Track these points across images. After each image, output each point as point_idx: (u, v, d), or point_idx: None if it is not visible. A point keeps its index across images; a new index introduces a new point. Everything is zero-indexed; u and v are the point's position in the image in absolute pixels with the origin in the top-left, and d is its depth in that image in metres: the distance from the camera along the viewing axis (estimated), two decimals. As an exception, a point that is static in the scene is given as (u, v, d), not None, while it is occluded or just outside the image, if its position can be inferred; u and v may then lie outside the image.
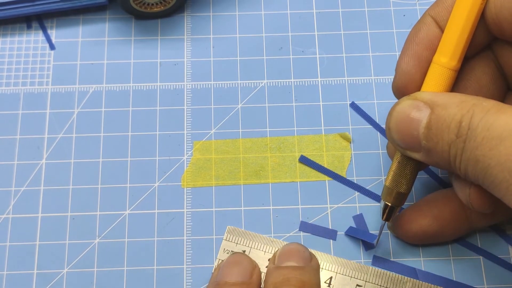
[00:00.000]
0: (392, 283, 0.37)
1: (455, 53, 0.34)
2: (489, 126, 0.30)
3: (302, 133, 0.42)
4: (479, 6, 0.34)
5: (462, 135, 0.31)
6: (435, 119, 0.32)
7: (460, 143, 0.31)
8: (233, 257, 0.37)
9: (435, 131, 0.32)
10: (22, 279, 0.39)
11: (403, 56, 0.36)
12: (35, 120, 0.42)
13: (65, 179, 0.41)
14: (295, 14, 0.46)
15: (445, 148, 0.32)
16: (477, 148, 0.30)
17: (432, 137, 0.32)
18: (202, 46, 0.45)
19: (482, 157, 0.30)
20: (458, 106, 0.31)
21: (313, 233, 0.40)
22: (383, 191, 0.37)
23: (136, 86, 0.44)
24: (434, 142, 0.32)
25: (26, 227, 0.40)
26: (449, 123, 0.31)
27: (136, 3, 0.44)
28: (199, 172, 0.41)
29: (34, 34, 0.45)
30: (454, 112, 0.31)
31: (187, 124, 0.43)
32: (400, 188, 0.36)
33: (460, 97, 0.32)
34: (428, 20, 0.36)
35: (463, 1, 0.34)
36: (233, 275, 0.35)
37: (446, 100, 0.32)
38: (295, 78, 0.44)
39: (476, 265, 0.39)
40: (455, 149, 0.31)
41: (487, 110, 0.30)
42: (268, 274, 0.35)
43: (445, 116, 0.31)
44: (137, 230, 0.40)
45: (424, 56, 0.35)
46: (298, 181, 0.41)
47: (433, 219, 0.38)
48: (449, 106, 0.32)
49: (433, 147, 0.32)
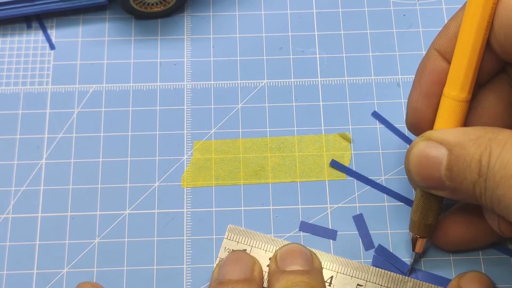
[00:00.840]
0: (393, 283, 0.37)
1: (465, 85, 0.34)
2: (505, 164, 0.29)
3: (302, 133, 0.42)
4: (483, 35, 0.33)
5: (483, 174, 0.30)
6: (455, 160, 0.31)
7: (482, 182, 0.31)
8: (233, 254, 0.37)
9: (457, 172, 0.31)
10: (22, 279, 0.38)
11: (412, 93, 0.36)
12: (35, 120, 0.42)
13: (65, 179, 0.41)
14: (295, 14, 0.46)
15: (470, 187, 0.31)
16: (497, 187, 0.30)
17: (455, 177, 0.32)
18: (202, 46, 0.45)
19: (503, 196, 0.30)
20: (475, 143, 0.31)
21: (313, 233, 0.40)
22: (410, 223, 0.37)
23: (136, 86, 0.44)
24: (458, 183, 0.32)
25: (26, 227, 0.40)
26: (469, 163, 0.31)
27: (136, 3, 0.44)
28: (199, 172, 0.41)
29: (34, 34, 0.45)
30: (473, 151, 0.31)
31: (187, 124, 0.43)
32: (427, 220, 0.36)
33: (475, 132, 0.32)
34: (434, 54, 0.35)
35: (467, 31, 0.33)
36: (235, 273, 0.35)
37: (461, 138, 0.32)
38: (295, 78, 0.44)
39: (477, 265, 0.39)
40: (479, 188, 0.31)
41: (503, 144, 0.30)
42: (274, 279, 0.35)
43: (464, 156, 0.31)
44: (137, 230, 0.40)
45: (433, 91, 0.35)
46: (298, 181, 0.41)
47: (469, 227, 0.37)
48: (466, 144, 0.31)
49: (458, 187, 0.32)
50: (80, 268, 0.39)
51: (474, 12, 0.33)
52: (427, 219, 0.36)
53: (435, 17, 0.46)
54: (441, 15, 0.46)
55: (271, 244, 0.38)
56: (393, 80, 0.44)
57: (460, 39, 0.34)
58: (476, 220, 0.37)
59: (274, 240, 0.39)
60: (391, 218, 0.40)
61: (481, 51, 0.34)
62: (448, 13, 0.46)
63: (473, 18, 0.33)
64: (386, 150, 0.42)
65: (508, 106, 0.36)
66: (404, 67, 0.44)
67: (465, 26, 0.33)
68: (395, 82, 0.44)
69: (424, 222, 0.36)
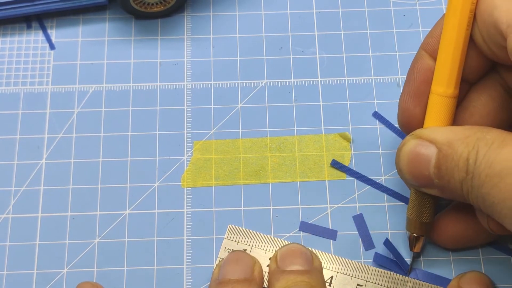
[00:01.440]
0: (393, 283, 0.37)
1: (451, 80, 0.34)
2: (490, 163, 0.30)
3: (302, 133, 0.42)
4: (466, 30, 0.33)
5: (470, 173, 0.31)
6: (443, 158, 0.32)
7: (469, 181, 0.31)
8: (233, 254, 0.37)
9: (445, 170, 0.32)
10: (22, 279, 0.38)
11: (402, 93, 0.36)
12: (35, 120, 0.42)
13: (65, 179, 0.41)
14: (295, 14, 0.46)
15: (457, 185, 0.32)
16: (482, 186, 0.30)
17: (443, 175, 0.32)
18: (202, 46, 0.45)
19: (487, 195, 0.30)
20: (464, 142, 0.31)
21: (313, 233, 0.40)
22: (406, 222, 0.37)
23: (136, 86, 0.44)
24: (446, 181, 0.32)
25: (26, 227, 0.40)
26: (457, 162, 0.31)
27: (136, 3, 0.44)
28: (199, 172, 0.41)
29: (34, 34, 0.45)
30: (461, 150, 0.31)
31: (187, 124, 0.43)
32: (422, 218, 0.36)
33: (463, 131, 0.32)
34: (422, 54, 0.36)
35: (450, 28, 0.34)
36: (235, 272, 0.35)
37: (450, 137, 0.32)
38: (295, 78, 0.44)
39: (477, 265, 0.39)
40: (466, 186, 0.31)
41: (490, 144, 0.30)
42: (274, 279, 0.35)
43: (452, 155, 0.31)
44: (137, 230, 0.40)
45: (421, 90, 0.35)
46: (298, 181, 0.41)
47: (468, 224, 0.38)
48: (455, 143, 0.31)
49: (446, 185, 0.32)
50: (80, 268, 0.39)
51: (455, 8, 0.33)
52: (422, 217, 0.36)
53: (435, 17, 0.45)
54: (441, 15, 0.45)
55: (271, 244, 0.38)
56: (393, 80, 0.44)
57: (444, 36, 0.34)
58: (473, 218, 0.37)
59: (274, 240, 0.39)
60: (391, 218, 0.40)
61: (465, 46, 0.34)
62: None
63: (454, 14, 0.33)
64: (386, 150, 0.42)
65: (499, 105, 0.36)
66: (404, 67, 0.44)
67: (447, 23, 0.34)
68: (395, 82, 0.44)
69: (419, 220, 0.36)
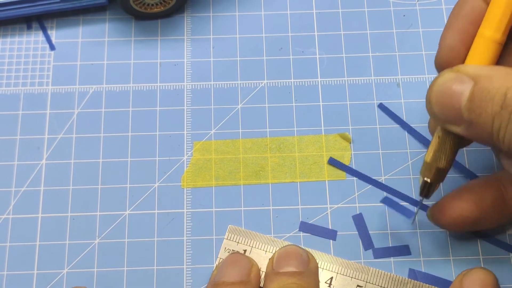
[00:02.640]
0: (393, 284, 0.37)
1: (500, 26, 0.34)
2: None
3: (302, 133, 0.42)
4: None
5: (508, 107, 0.30)
6: (479, 91, 0.31)
7: (505, 114, 0.30)
8: (231, 256, 0.37)
9: (478, 103, 0.31)
10: (22, 279, 0.39)
11: (448, 30, 0.35)
12: (35, 121, 0.43)
13: (65, 180, 0.41)
14: (295, 14, 0.46)
15: (488, 120, 0.31)
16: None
17: (475, 108, 0.31)
18: (202, 46, 0.45)
19: None
20: (503, 78, 0.31)
21: (313, 233, 0.40)
22: (422, 167, 0.36)
23: (136, 86, 0.44)
24: (476, 114, 0.31)
25: (26, 227, 0.40)
26: (493, 95, 0.31)
27: (136, 3, 0.44)
28: (199, 172, 0.41)
29: (34, 34, 0.45)
30: (500, 84, 0.31)
31: (187, 124, 0.43)
32: (439, 163, 0.35)
33: (505, 69, 0.31)
34: None
35: None
36: (231, 275, 0.35)
37: (490, 73, 0.31)
38: (295, 78, 0.44)
39: (477, 265, 0.39)
40: (499, 121, 0.30)
41: None
42: (268, 280, 0.35)
43: (489, 88, 0.31)
44: (137, 230, 0.40)
45: (469, 30, 0.35)
46: (298, 181, 0.41)
47: (474, 205, 0.37)
48: (494, 78, 0.31)
49: (476, 119, 0.31)
50: (80, 268, 0.39)
51: None
52: (439, 162, 0.35)
53: (435, 17, 0.46)
54: (441, 15, 0.46)
55: (271, 245, 0.38)
56: (393, 80, 0.44)
57: None
58: (482, 198, 0.37)
59: (274, 240, 0.39)
60: (391, 218, 0.40)
61: None
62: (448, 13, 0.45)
63: None
64: (386, 150, 0.42)
65: None
66: (404, 67, 0.44)
67: None
68: (395, 82, 0.44)
69: (436, 164, 0.35)
